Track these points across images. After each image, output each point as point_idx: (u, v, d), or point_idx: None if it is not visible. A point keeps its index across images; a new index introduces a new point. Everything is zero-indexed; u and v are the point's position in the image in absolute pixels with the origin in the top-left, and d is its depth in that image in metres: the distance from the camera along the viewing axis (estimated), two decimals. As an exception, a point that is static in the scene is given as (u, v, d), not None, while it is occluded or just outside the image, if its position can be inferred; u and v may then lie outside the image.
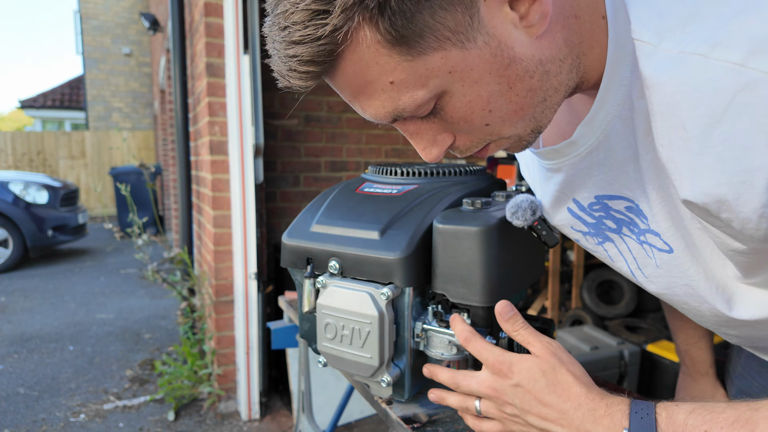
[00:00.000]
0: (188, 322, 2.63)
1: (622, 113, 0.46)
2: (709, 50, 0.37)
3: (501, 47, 0.41)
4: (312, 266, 0.70)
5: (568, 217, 0.61)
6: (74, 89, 13.05)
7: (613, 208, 0.54)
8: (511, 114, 0.45)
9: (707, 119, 0.37)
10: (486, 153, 0.50)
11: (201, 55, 2.17)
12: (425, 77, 0.41)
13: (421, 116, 0.45)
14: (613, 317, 2.58)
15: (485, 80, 0.42)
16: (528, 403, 0.52)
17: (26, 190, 5.20)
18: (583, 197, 0.56)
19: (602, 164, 0.51)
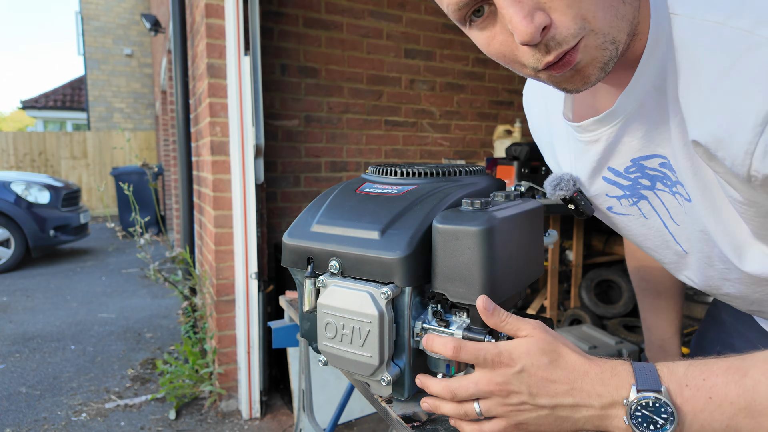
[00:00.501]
0: (189, 322, 2.64)
1: (657, 82, 0.52)
2: (725, 19, 0.45)
3: None
4: (312, 266, 0.70)
5: (604, 185, 0.67)
6: (76, 90, 13.07)
7: (647, 166, 0.60)
8: (606, 4, 0.47)
9: (717, 73, 0.45)
10: (570, 59, 0.48)
11: (202, 56, 2.18)
12: None
13: None
14: (612, 317, 2.59)
15: None
16: (536, 384, 0.52)
17: (28, 190, 5.22)
18: (620, 163, 0.62)
19: (638, 129, 0.57)
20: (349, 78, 2.76)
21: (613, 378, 0.50)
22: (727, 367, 0.47)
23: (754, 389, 0.45)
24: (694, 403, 0.47)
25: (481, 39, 0.52)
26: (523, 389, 0.52)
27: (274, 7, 2.52)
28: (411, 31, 2.92)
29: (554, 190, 0.69)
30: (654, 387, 0.48)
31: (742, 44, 0.43)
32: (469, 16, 0.50)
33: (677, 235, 0.64)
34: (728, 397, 0.46)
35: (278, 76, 2.57)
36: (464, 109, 3.16)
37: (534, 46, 0.47)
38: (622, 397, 0.49)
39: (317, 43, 2.65)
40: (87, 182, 9.82)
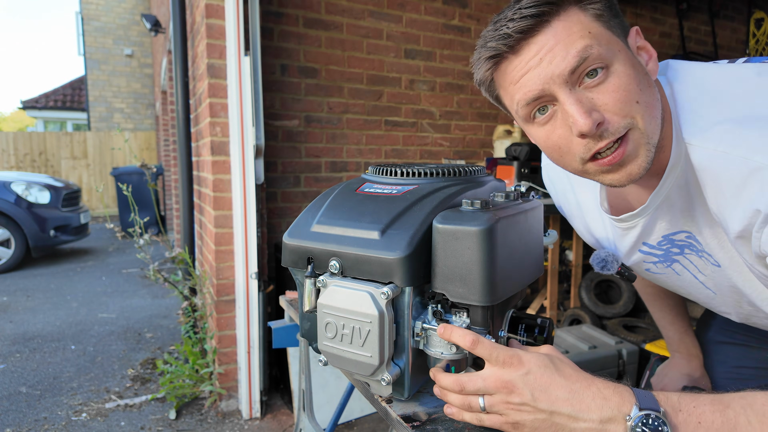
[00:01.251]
0: (189, 322, 2.64)
1: (679, 182, 0.68)
2: (730, 149, 0.59)
3: (640, 63, 0.64)
4: (313, 266, 0.70)
5: (641, 255, 0.82)
6: (76, 90, 13.07)
7: (676, 239, 0.75)
8: (650, 106, 0.61)
9: (734, 189, 0.59)
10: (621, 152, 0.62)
11: (202, 57, 2.18)
12: (608, 42, 0.60)
13: (587, 76, 0.60)
14: (612, 316, 2.59)
15: (635, 70, 0.61)
16: (539, 388, 0.56)
17: (28, 190, 5.22)
18: (653, 239, 0.77)
19: (666, 214, 0.72)
20: (349, 78, 2.76)
21: (615, 395, 0.55)
22: (711, 400, 0.54)
23: (735, 420, 0.52)
24: (686, 427, 0.53)
25: (542, 133, 0.66)
26: (526, 391, 0.56)
27: (274, 7, 2.52)
28: (411, 32, 2.92)
29: (602, 270, 0.83)
30: (654, 407, 0.53)
31: (745, 168, 0.56)
32: (534, 113, 0.65)
33: (706, 283, 0.78)
34: (714, 424, 0.52)
35: (278, 76, 2.57)
36: (464, 110, 3.16)
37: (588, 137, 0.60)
38: (623, 414, 0.54)
39: (317, 43, 2.65)
40: (87, 182, 9.82)
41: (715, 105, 0.63)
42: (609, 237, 0.85)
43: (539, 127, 0.65)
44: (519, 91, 0.63)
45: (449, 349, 0.67)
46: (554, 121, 0.63)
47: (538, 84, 0.61)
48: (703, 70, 0.68)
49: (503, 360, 0.59)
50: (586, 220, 0.89)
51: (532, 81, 0.61)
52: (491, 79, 0.68)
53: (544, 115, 0.64)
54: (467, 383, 0.60)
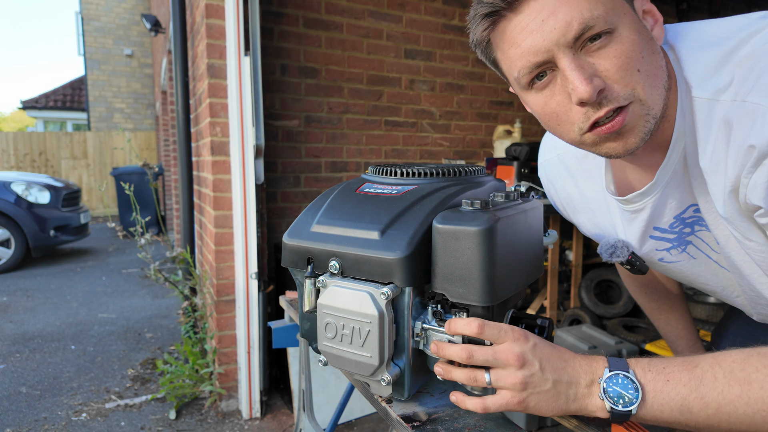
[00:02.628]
0: (190, 322, 2.64)
1: (683, 154, 0.65)
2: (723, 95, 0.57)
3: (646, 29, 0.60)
4: (312, 266, 0.70)
5: (653, 242, 0.78)
6: (76, 90, 13.08)
7: (686, 217, 0.72)
8: (652, 75, 0.59)
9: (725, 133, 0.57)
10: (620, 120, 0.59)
11: (202, 57, 2.18)
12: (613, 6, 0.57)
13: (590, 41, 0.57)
14: (612, 316, 2.59)
15: (640, 36, 0.58)
16: (545, 358, 0.59)
17: (28, 190, 5.22)
18: (664, 222, 0.73)
19: (675, 192, 0.69)
20: (349, 78, 2.76)
21: (593, 362, 0.60)
22: (682, 361, 0.58)
23: (702, 376, 0.55)
24: (654, 384, 0.57)
25: (539, 99, 0.63)
26: (536, 362, 0.59)
27: (274, 7, 2.52)
28: (411, 32, 2.92)
29: (610, 257, 0.79)
30: (623, 368, 0.58)
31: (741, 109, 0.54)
32: (533, 79, 0.61)
33: (720, 261, 0.75)
34: (681, 381, 0.56)
35: (278, 76, 2.57)
36: (464, 110, 3.16)
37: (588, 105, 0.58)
38: (598, 376, 0.59)
39: (317, 43, 2.65)
40: (87, 182, 9.82)
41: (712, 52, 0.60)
42: (617, 225, 0.80)
43: (536, 93, 0.62)
44: (520, 59, 0.60)
45: (449, 350, 0.67)
46: (553, 86, 0.61)
47: (541, 49, 0.57)
48: (704, 24, 0.64)
49: (513, 336, 0.60)
50: (592, 211, 0.85)
51: (534, 46, 0.58)
52: (488, 39, 0.63)
53: (542, 80, 0.61)
54: (477, 351, 0.60)
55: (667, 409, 0.56)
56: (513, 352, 0.59)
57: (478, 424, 0.67)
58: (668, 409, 0.56)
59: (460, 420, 0.68)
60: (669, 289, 1.04)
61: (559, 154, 0.86)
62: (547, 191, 0.95)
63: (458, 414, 0.69)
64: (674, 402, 0.56)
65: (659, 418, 0.57)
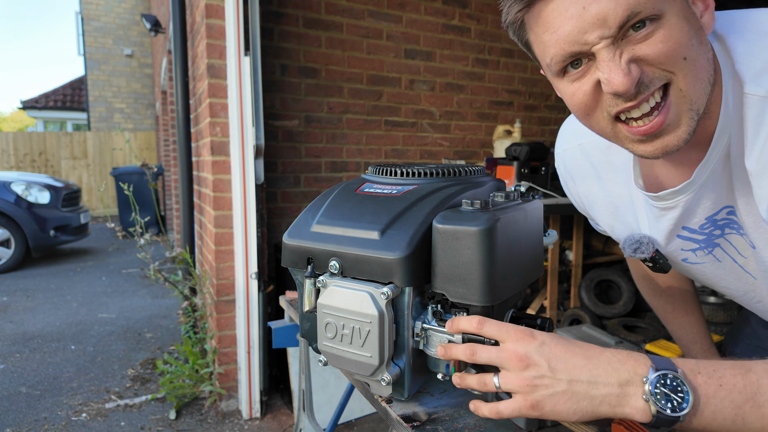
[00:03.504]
0: (190, 322, 2.64)
1: (726, 151, 0.60)
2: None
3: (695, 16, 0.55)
4: (312, 266, 0.70)
5: (679, 242, 0.74)
6: (76, 90, 13.07)
7: (718, 219, 0.67)
8: (699, 66, 0.54)
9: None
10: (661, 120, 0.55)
11: (202, 57, 2.18)
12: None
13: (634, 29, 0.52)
14: (612, 316, 2.59)
15: (689, 24, 0.53)
16: (555, 357, 0.54)
17: (28, 190, 5.22)
18: (694, 222, 0.69)
19: (712, 192, 0.64)
20: (349, 78, 2.76)
21: (630, 359, 0.53)
22: (732, 364, 0.52)
23: (758, 383, 0.49)
24: (706, 388, 0.50)
25: (570, 89, 0.58)
26: (543, 362, 0.53)
27: (274, 7, 2.52)
28: (411, 32, 2.92)
29: (634, 253, 0.75)
30: (670, 367, 0.51)
31: None
32: (567, 67, 0.57)
33: (746, 266, 0.72)
34: (736, 387, 0.50)
35: (278, 76, 2.57)
36: (464, 110, 3.16)
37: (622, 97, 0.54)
38: (640, 375, 0.52)
39: (317, 43, 2.65)
40: (87, 182, 9.82)
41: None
42: (641, 221, 0.76)
43: (569, 82, 0.58)
44: (555, 45, 0.54)
45: (449, 349, 0.67)
46: (584, 77, 0.56)
47: (579, 40, 0.52)
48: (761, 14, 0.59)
49: (514, 336, 0.56)
50: (614, 205, 0.80)
51: (571, 34, 0.53)
52: (522, 20, 0.58)
53: (577, 69, 0.56)
54: (480, 349, 0.57)
55: (719, 418, 0.50)
56: (515, 352, 0.55)
57: (478, 424, 0.67)
58: (721, 418, 0.50)
59: (460, 420, 0.68)
60: (684, 291, 1.00)
61: (580, 144, 0.81)
62: (564, 182, 0.89)
63: (458, 414, 0.69)
64: (727, 410, 0.50)
65: (709, 427, 0.51)
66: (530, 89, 3.40)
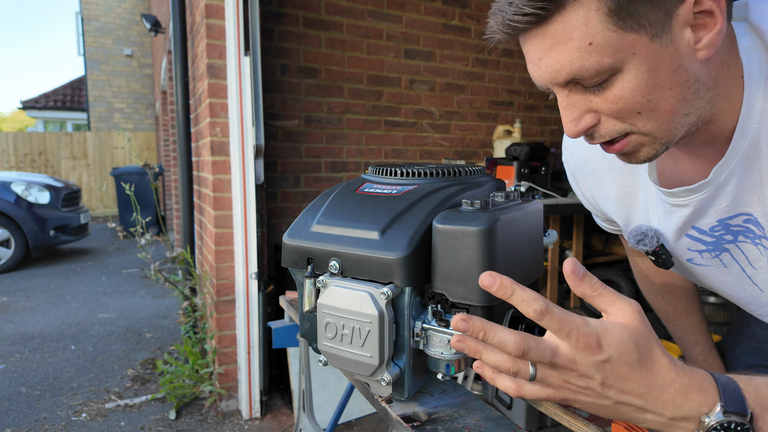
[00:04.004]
0: (190, 322, 2.64)
1: (749, 153, 0.58)
2: None
3: (676, 53, 0.51)
4: (312, 266, 0.70)
5: (688, 241, 0.72)
6: (76, 90, 13.08)
7: (732, 224, 0.65)
8: (664, 113, 0.54)
9: None
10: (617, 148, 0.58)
11: (202, 57, 2.18)
12: (615, 50, 0.50)
13: (586, 86, 0.54)
14: (613, 317, 2.58)
15: (655, 72, 0.51)
16: (612, 377, 0.47)
17: (28, 190, 5.22)
18: (705, 223, 0.67)
19: (728, 194, 0.62)
20: (349, 78, 2.76)
21: (698, 394, 0.47)
22: None
23: None
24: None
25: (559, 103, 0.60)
26: (598, 377, 0.47)
27: (274, 7, 2.52)
28: (411, 32, 2.92)
29: (637, 244, 0.74)
30: (740, 410, 0.45)
31: None
32: None
33: (754, 278, 0.70)
34: None
35: (278, 76, 2.57)
36: (464, 110, 3.16)
37: None
38: (701, 414, 0.46)
39: (317, 43, 2.65)
40: (87, 182, 9.82)
41: None
42: (651, 215, 0.74)
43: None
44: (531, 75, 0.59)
45: (449, 350, 0.67)
46: None
47: (539, 81, 0.58)
48: None
49: (577, 339, 0.46)
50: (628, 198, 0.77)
51: (534, 76, 0.58)
52: None
53: None
54: (533, 350, 0.46)
55: None
56: (572, 361, 0.47)
57: (478, 424, 0.67)
58: None
59: (460, 420, 0.68)
60: (686, 292, 0.98)
61: None
62: (572, 177, 0.87)
63: (458, 414, 0.69)
64: None
65: None
66: (530, 89, 3.40)
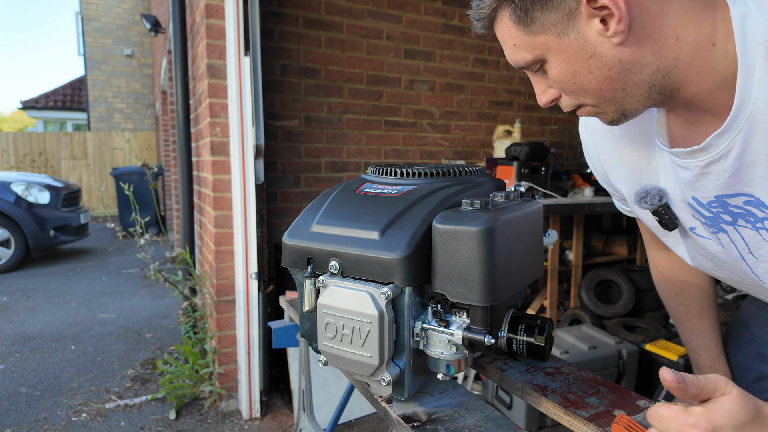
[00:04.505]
0: (190, 322, 2.64)
1: (750, 126, 0.56)
2: None
3: (587, 44, 0.59)
4: (312, 266, 0.70)
5: (688, 207, 0.71)
6: (76, 90, 13.07)
7: (731, 204, 0.64)
8: (593, 91, 0.61)
9: None
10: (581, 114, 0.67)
11: (202, 57, 2.18)
12: (533, 48, 0.62)
13: (535, 71, 0.65)
14: (612, 317, 2.59)
15: (572, 62, 0.60)
16: None
17: (28, 190, 5.22)
18: (703, 197, 0.66)
19: (726, 170, 0.61)
20: (349, 78, 2.76)
21: None
22: None
23: None
24: None
25: None
26: None
27: (274, 7, 2.52)
28: (411, 32, 2.92)
29: (640, 202, 0.74)
30: None
31: None
32: None
33: (755, 267, 0.69)
34: None
35: (278, 76, 2.57)
36: (464, 110, 3.16)
37: None
38: None
39: (317, 43, 2.65)
40: (87, 182, 9.82)
41: None
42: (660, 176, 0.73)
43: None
44: None
45: (449, 350, 0.67)
46: None
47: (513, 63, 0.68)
48: None
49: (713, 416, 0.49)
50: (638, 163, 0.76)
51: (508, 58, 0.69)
52: None
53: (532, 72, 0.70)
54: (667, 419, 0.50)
55: None
56: None
57: (478, 424, 0.67)
58: None
59: (460, 420, 0.68)
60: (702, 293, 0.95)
61: None
62: (586, 149, 0.87)
63: (458, 414, 0.69)
64: None
65: None
66: (530, 89, 3.40)
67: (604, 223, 3.60)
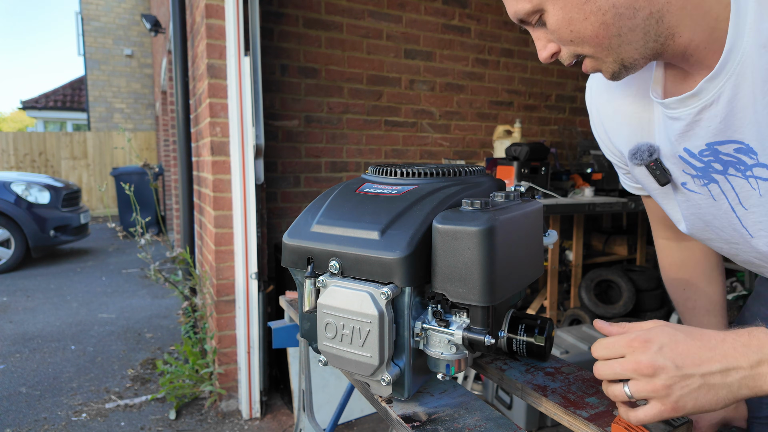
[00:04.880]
0: (190, 322, 2.64)
1: (741, 70, 0.57)
2: None
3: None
4: (312, 266, 0.70)
5: (680, 161, 0.71)
6: (76, 90, 13.08)
7: (722, 151, 0.65)
8: (589, 38, 0.61)
9: None
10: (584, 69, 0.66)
11: (202, 57, 2.18)
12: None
13: (535, 23, 0.64)
14: (612, 316, 2.59)
15: (567, 9, 0.60)
16: (679, 356, 0.53)
17: (28, 190, 5.22)
18: (694, 146, 0.67)
19: (717, 115, 0.61)
20: (349, 78, 2.76)
21: (753, 339, 0.53)
22: None
23: None
24: None
25: None
26: (669, 363, 0.53)
27: (274, 7, 2.52)
28: (411, 32, 2.92)
29: (632, 158, 0.75)
30: None
31: None
32: None
33: (744, 219, 0.69)
34: None
35: (278, 76, 2.57)
36: (464, 110, 3.16)
37: None
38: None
39: (317, 43, 2.65)
40: (87, 182, 9.82)
41: None
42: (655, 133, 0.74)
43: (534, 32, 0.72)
44: None
45: (449, 349, 0.67)
46: None
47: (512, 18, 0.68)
48: None
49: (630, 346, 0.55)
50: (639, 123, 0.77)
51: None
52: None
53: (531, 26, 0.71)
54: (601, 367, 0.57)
55: None
56: (638, 363, 0.54)
57: (478, 424, 0.67)
58: None
59: (460, 420, 0.68)
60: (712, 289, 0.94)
61: None
62: (591, 116, 0.87)
63: (458, 414, 0.69)
64: None
65: None
66: (530, 89, 3.40)
67: (604, 223, 3.60)
